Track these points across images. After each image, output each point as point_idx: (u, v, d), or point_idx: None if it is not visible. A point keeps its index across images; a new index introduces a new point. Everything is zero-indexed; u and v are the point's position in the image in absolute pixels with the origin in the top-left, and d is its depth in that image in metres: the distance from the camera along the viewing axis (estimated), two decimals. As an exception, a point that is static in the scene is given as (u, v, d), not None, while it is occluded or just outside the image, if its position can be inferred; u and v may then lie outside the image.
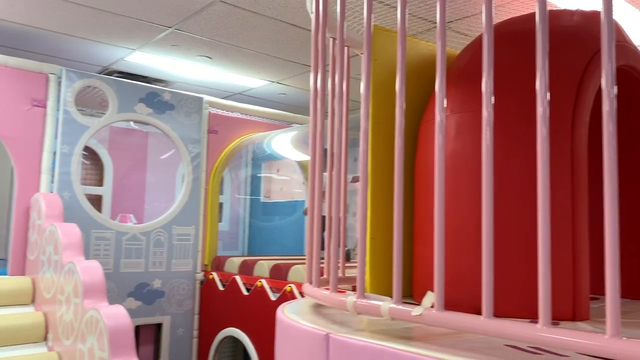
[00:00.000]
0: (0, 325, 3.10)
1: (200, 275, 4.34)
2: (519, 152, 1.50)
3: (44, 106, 3.78)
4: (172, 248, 4.20)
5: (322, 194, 1.68)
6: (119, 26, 4.08)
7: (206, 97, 4.60)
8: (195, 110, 4.44)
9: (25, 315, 3.25)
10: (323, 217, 1.66)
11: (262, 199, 6.02)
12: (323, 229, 1.66)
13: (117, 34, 4.26)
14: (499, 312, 1.09)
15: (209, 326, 4.18)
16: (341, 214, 1.73)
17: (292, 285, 3.39)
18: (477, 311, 1.12)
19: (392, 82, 1.71)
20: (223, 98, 5.63)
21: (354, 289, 1.84)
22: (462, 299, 1.46)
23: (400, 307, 1.23)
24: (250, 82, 5.52)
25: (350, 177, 4.12)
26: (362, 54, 1.82)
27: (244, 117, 4.92)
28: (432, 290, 1.19)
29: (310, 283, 1.68)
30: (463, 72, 1.72)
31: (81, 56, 4.81)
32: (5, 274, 3.60)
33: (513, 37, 1.66)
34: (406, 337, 1.29)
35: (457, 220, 1.54)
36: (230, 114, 4.81)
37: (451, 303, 1.18)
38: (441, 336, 1.30)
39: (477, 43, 1.77)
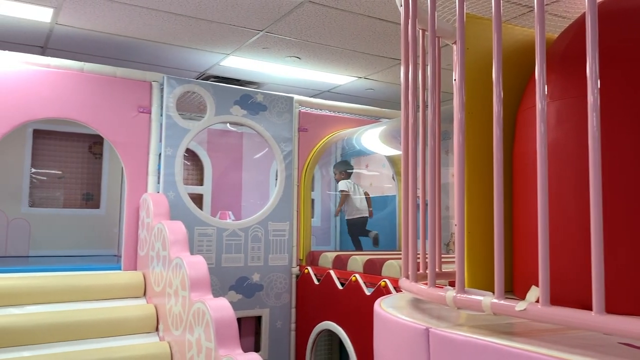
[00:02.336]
0: (115, 316, 3.37)
1: (295, 270, 4.45)
2: (626, 140, 1.40)
3: (149, 112, 4.04)
4: (269, 243, 4.35)
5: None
6: (214, 33, 4.28)
7: (296, 97, 4.71)
8: (286, 109, 4.55)
9: (137, 308, 3.51)
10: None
11: (353, 194, 6.06)
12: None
13: (212, 41, 4.47)
14: (608, 308, 1.03)
15: (306, 319, 4.29)
16: (437, 209, 1.71)
17: (387, 280, 3.39)
18: (584, 306, 1.07)
19: (485, 71, 1.67)
20: (312, 96, 5.73)
21: (450, 283, 1.82)
22: (566, 293, 1.40)
23: (502, 302, 1.20)
24: (338, 79, 5.57)
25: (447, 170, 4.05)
26: (453, 43, 1.79)
27: (333, 114, 4.97)
28: (535, 284, 1.16)
29: (407, 278, 1.68)
30: (563, 56, 1.64)
31: (180, 63, 5.10)
32: (119, 269, 3.90)
33: (617, 15, 1.55)
34: (508, 332, 1.26)
35: (560, 213, 1.48)
36: (319, 112, 4.89)
37: (554, 298, 1.14)
38: (545, 332, 1.25)
39: (578, 24, 1.68)
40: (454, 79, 1.64)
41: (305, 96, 4.98)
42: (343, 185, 5.44)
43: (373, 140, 4.83)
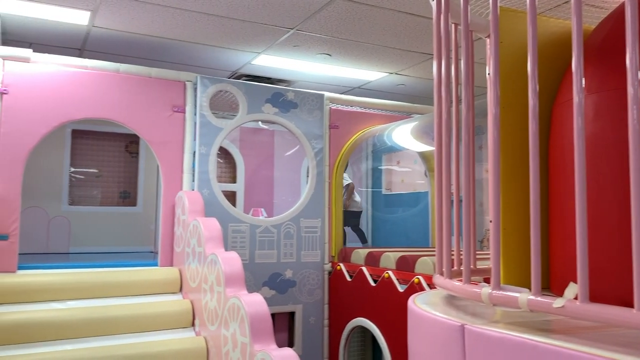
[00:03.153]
0: (152, 311, 3.45)
1: (328, 266, 4.47)
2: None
3: (183, 111, 4.11)
4: (301, 240, 4.38)
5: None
6: (245, 32, 4.33)
7: (327, 94, 4.71)
8: (317, 107, 4.57)
9: (174, 303, 3.58)
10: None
11: (384, 191, 6.04)
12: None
13: (243, 40, 4.52)
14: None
15: (339, 315, 4.30)
16: (471, 205, 1.69)
17: (420, 277, 3.37)
18: (624, 303, 1.05)
19: (519, 65, 1.64)
20: (342, 93, 5.73)
21: (485, 280, 1.80)
22: (605, 290, 1.37)
23: (540, 298, 1.19)
24: (368, 76, 5.56)
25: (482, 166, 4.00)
26: (486, 37, 1.77)
27: (364, 110, 4.96)
28: (573, 280, 1.14)
29: (442, 274, 1.67)
30: (601, 48, 1.60)
31: (212, 63, 5.17)
32: (156, 265, 3.98)
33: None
34: (546, 330, 1.25)
35: (598, 208, 1.45)
36: (350, 109, 4.88)
37: (592, 294, 1.12)
38: (583, 329, 1.23)
39: (616, 15, 1.64)
40: (487, 73, 1.63)
41: (335, 93, 4.98)
42: (345, 176, 5.42)
43: (405, 136, 4.80)
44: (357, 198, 5.57)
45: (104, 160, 5.27)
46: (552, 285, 1.74)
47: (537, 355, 1.09)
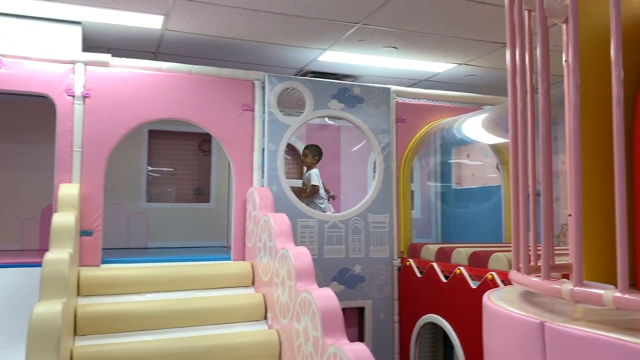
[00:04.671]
0: (226, 304, 3.56)
1: (397, 262, 4.44)
2: None
3: (252, 110, 4.20)
4: (369, 235, 4.37)
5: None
6: (311, 29, 4.36)
7: (393, 87, 4.67)
8: (383, 101, 4.53)
9: (247, 296, 3.68)
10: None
11: (454, 185, 5.91)
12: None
13: (309, 37, 4.56)
14: None
15: (409, 312, 4.26)
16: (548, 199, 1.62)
17: (494, 273, 3.28)
18: None
19: (598, 51, 1.55)
20: (409, 86, 5.65)
21: (563, 276, 1.72)
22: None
23: (628, 296, 1.12)
24: (436, 67, 5.45)
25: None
26: (562, 23, 1.68)
27: (432, 103, 4.87)
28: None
29: (518, 270, 1.62)
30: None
31: (279, 61, 5.25)
32: (229, 259, 4.11)
33: None
34: (632, 328, 1.18)
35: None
36: (417, 102, 4.81)
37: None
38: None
39: None
40: (564, 60, 1.55)
41: (402, 86, 4.92)
42: (315, 175, 5.21)
43: (475, 128, 4.67)
44: (319, 200, 5.24)
45: (178, 159, 5.49)
46: (639, 282, 1.64)
47: (626, 356, 1.03)
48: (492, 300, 1.66)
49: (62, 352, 2.45)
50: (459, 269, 3.63)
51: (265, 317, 3.53)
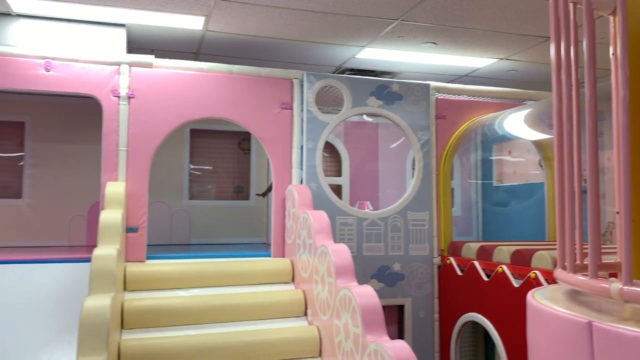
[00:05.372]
0: (267, 300, 3.61)
1: (437, 260, 4.40)
2: None
3: (291, 108, 4.24)
4: (409, 233, 4.34)
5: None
6: (350, 26, 4.36)
7: (432, 83, 4.62)
8: (422, 97, 4.49)
9: (287, 292, 3.72)
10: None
11: (495, 182, 5.81)
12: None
13: (348, 34, 4.56)
14: None
15: (449, 310, 4.22)
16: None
17: (537, 272, 3.21)
18: None
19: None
20: (448, 82, 5.58)
21: (611, 275, 1.68)
22: None
23: (681, 295, 1.09)
24: (476, 63, 5.36)
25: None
26: (609, 15, 1.64)
27: (472, 99, 4.80)
28: None
29: (564, 269, 1.59)
30: None
31: (317, 59, 5.27)
32: (269, 256, 4.16)
33: None
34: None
35: None
36: (457, 98, 4.75)
37: None
38: None
39: None
40: (611, 53, 1.51)
41: (442, 82, 4.87)
42: None
43: (517, 124, 4.58)
44: None
45: (219, 157, 5.59)
46: (694, 282, 1.58)
47: (680, 358, 1.00)
48: (537, 299, 1.64)
49: (110, 344, 2.54)
50: (501, 267, 3.57)
51: (306, 314, 3.56)
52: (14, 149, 5.01)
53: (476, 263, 3.90)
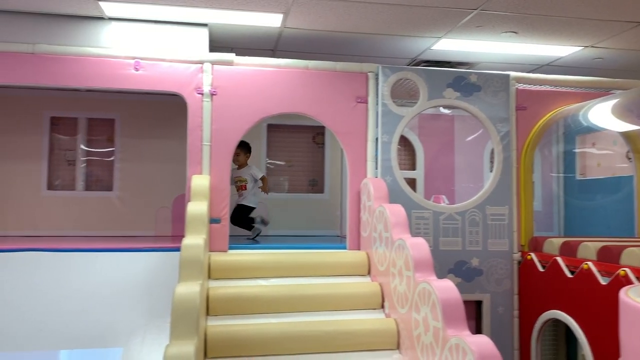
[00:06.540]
0: (344, 292, 3.65)
1: (517, 256, 4.28)
2: None
3: (366, 102, 4.26)
4: (487, 228, 4.25)
5: None
6: (426, 17, 4.31)
7: (512, 74, 4.49)
8: (502, 88, 4.38)
9: (364, 285, 3.75)
10: None
11: (578, 176, 5.57)
12: None
13: (424, 26, 4.50)
14: None
15: (530, 307, 4.10)
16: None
17: (627, 269, 3.08)
18: None
19: None
20: (528, 72, 5.39)
21: None
22: None
23: None
24: (559, 51, 5.14)
25: None
26: None
27: (554, 89, 4.62)
28: None
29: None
30: None
31: (391, 52, 5.24)
32: (344, 248, 4.21)
33: None
34: None
35: None
36: (539, 88, 4.58)
37: None
38: None
39: None
40: None
41: (522, 72, 4.71)
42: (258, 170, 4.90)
43: (604, 115, 4.36)
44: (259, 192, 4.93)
45: (294, 151, 5.71)
46: None
47: None
48: (632, 297, 1.59)
49: (199, 329, 2.68)
50: (586, 264, 3.45)
51: (382, 306, 3.58)
52: (105, 145, 5.35)
53: (559, 259, 3.77)
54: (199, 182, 3.77)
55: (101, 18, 4.31)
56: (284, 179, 5.70)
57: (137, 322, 3.82)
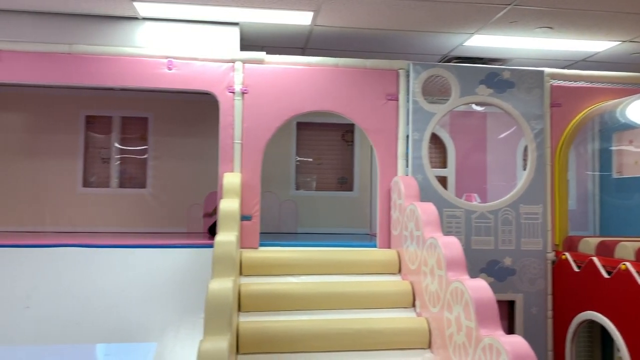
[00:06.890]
0: (375, 290, 3.64)
1: (551, 255, 4.20)
2: None
3: (396, 99, 4.23)
4: (520, 227, 4.19)
5: None
6: (458, 14, 4.25)
7: (547, 70, 4.40)
8: (536, 84, 4.30)
9: (394, 283, 3.74)
10: None
11: (614, 174, 5.42)
12: None
13: (456, 22, 4.45)
14: None
15: (564, 308, 4.02)
16: None
17: (667, 270, 2.99)
18: None
19: None
20: (563, 68, 5.27)
21: None
22: None
23: None
24: (595, 46, 5.02)
25: None
26: None
27: (591, 85, 4.51)
28: None
29: None
30: None
31: (422, 48, 5.19)
32: (374, 246, 4.19)
33: None
34: None
35: None
36: (574, 84, 4.48)
37: None
38: None
39: None
40: None
41: (556, 68, 4.61)
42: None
43: (643, 111, 4.25)
44: None
45: (323, 149, 5.71)
46: None
47: None
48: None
49: (232, 325, 2.71)
50: (624, 264, 3.36)
51: (414, 305, 3.56)
52: (139, 143, 5.44)
53: (595, 259, 3.69)
54: (231, 179, 3.81)
55: (135, 18, 4.38)
56: (315, 176, 5.70)
57: (170, 318, 3.88)
